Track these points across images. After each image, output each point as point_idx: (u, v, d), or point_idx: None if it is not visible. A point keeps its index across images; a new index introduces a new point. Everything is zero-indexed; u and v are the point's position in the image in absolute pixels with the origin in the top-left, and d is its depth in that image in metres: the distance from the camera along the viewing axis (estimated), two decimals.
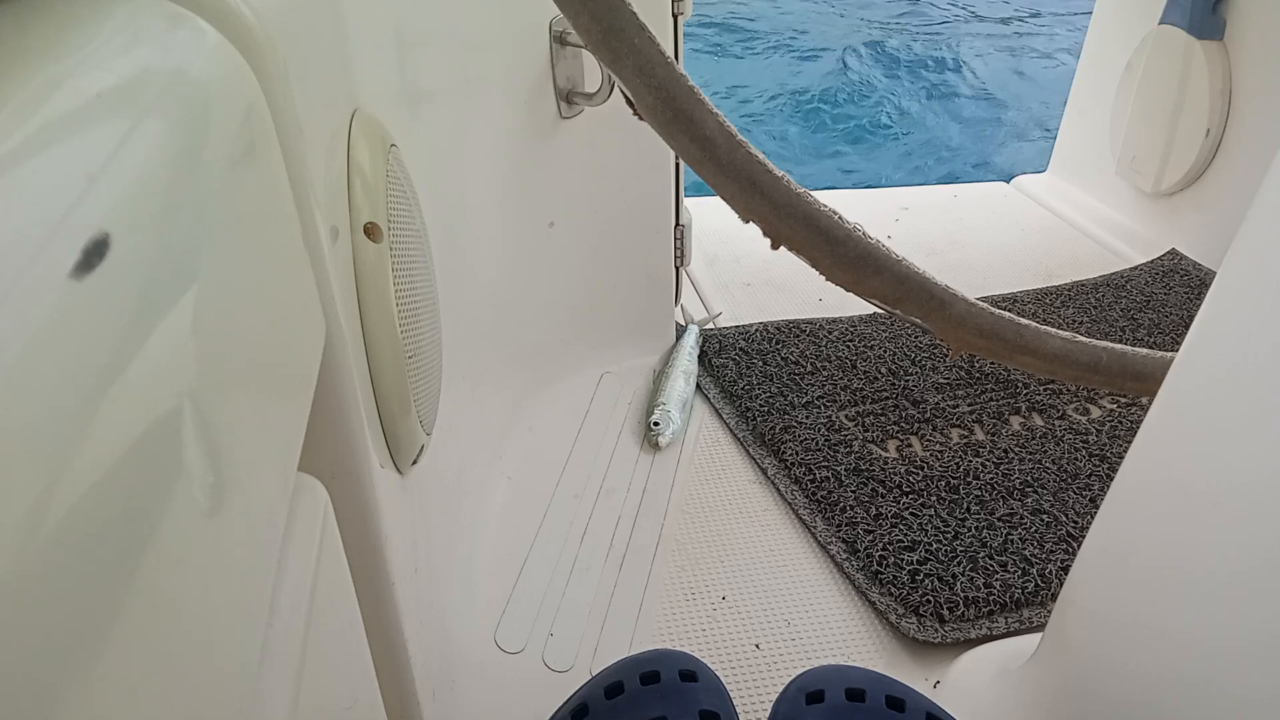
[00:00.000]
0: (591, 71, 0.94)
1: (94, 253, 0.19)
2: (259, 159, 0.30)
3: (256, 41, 0.30)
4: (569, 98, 0.94)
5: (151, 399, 0.20)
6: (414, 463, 0.51)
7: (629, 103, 0.60)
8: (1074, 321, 1.25)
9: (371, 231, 0.42)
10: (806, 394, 1.06)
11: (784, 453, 0.97)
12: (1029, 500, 0.90)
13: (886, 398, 1.06)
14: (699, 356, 1.14)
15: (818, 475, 0.93)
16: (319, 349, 0.36)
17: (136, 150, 0.22)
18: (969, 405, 1.05)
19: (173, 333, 0.21)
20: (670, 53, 0.58)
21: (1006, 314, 0.67)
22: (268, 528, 0.28)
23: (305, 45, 0.36)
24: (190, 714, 0.21)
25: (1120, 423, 1.02)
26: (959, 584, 0.79)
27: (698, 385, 1.10)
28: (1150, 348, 0.73)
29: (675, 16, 0.97)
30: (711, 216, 1.40)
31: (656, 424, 1.00)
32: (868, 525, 0.86)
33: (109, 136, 0.21)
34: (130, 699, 0.18)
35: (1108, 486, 0.53)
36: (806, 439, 0.98)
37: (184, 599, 0.21)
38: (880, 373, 1.11)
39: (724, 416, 1.06)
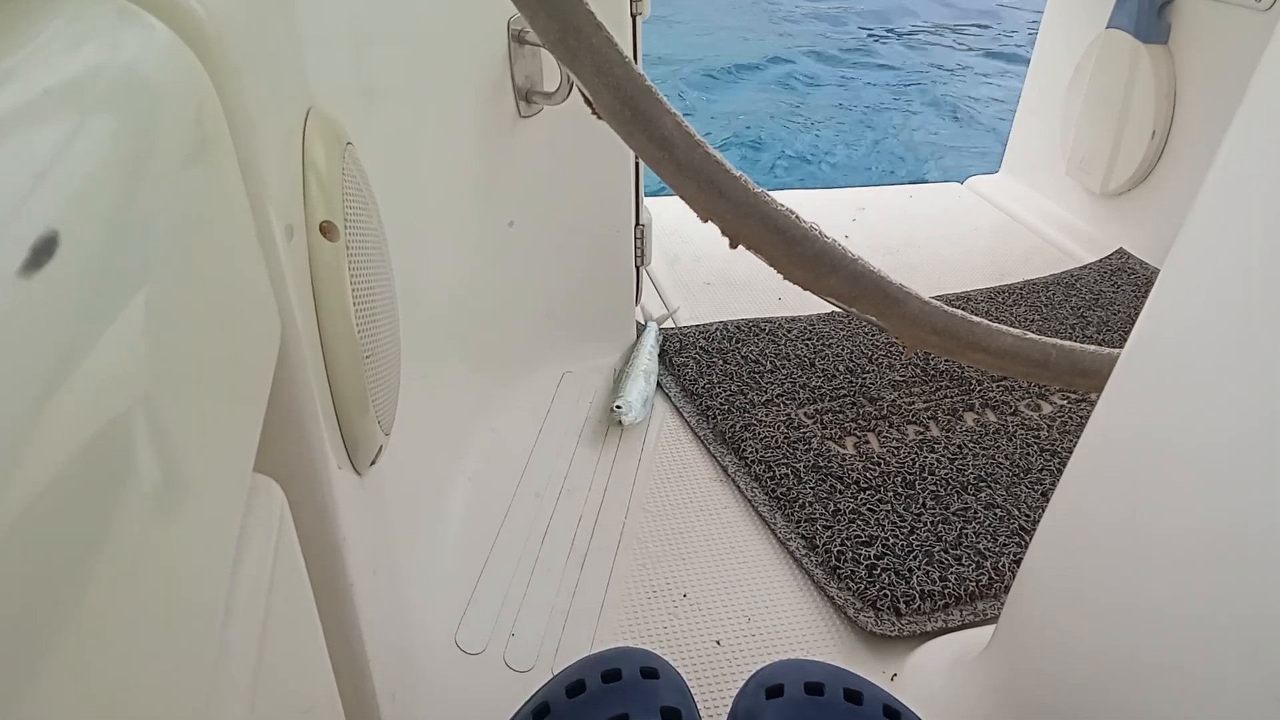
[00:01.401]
0: (550, 70, 0.94)
1: (42, 250, 0.18)
2: (211, 157, 0.29)
3: (208, 38, 0.30)
4: (528, 97, 0.94)
5: (101, 399, 0.20)
6: (372, 463, 0.51)
7: (587, 102, 0.60)
8: (1025, 319, 1.28)
9: (327, 230, 0.42)
10: (766, 392, 1.07)
11: (744, 450, 0.98)
12: (983, 495, 0.91)
13: (844, 395, 1.07)
14: (659, 355, 1.15)
15: (777, 472, 0.94)
16: (274, 349, 0.35)
17: (86, 147, 0.22)
18: (924, 402, 1.07)
19: (123, 332, 0.21)
20: (628, 52, 0.58)
21: (959, 312, 0.68)
22: (222, 529, 0.28)
23: (258, 42, 0.36)
24: (143, 716, 0.21)
25: (1070, 418, 1.04)
26: (915, 578, 0.80)
27: (658, 384, 1.11)
28: (1099, 344, 0.75)
29: (634, 16, 0.97)
30: (671, 216, 1.41)
31: (619, 406, 1.01)
32: (826, 521, 0.87)
33: (57, 133, 0.21)
34: (81, 701, 0.18)
35: (1058, 480, 0.54)
36: (766, 437, 0.99)
37: (135, 600, 0.21)
38: (838, 371, 1.12)
39: (684, 415, 1.06)
